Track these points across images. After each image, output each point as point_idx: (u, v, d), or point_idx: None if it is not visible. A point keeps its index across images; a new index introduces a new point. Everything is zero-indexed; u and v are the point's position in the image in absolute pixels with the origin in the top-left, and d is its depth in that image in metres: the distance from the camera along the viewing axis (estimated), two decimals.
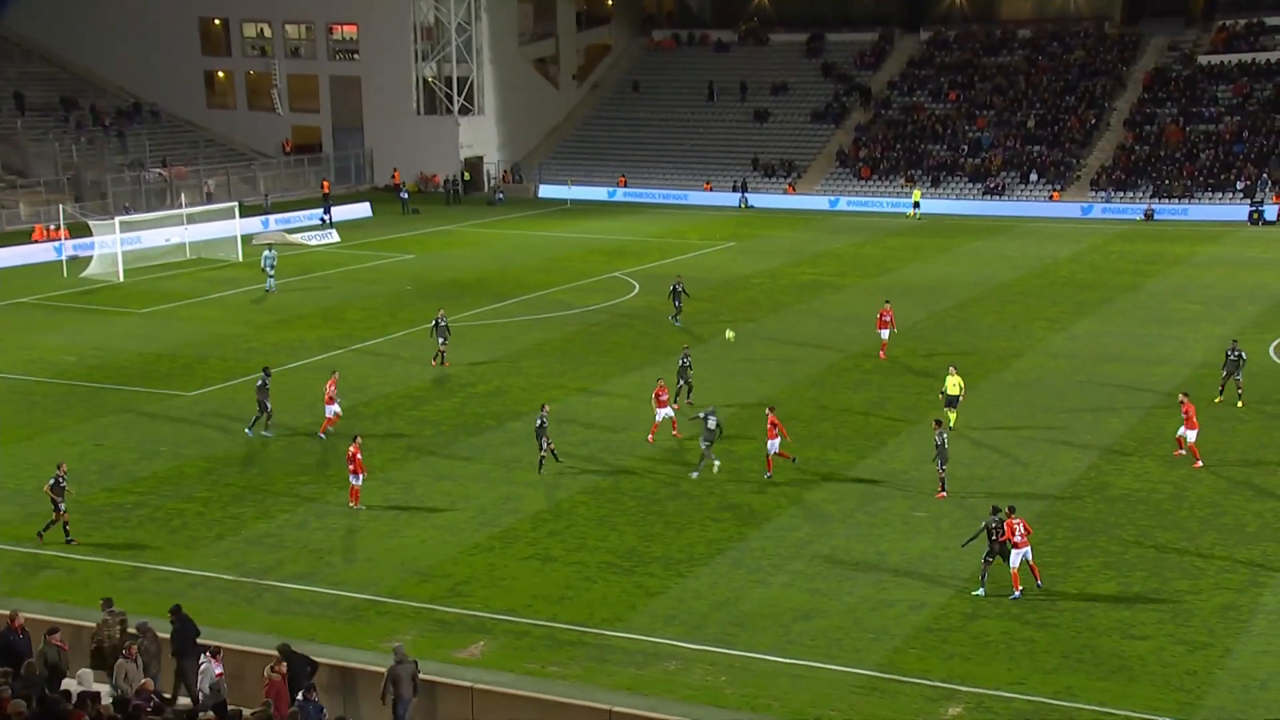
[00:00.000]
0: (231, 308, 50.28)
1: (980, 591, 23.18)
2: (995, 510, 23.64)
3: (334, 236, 67.83)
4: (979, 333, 43.77)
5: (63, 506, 26.08)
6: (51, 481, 26.17)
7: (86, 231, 61.46)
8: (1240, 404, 34.26)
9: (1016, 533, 23.18)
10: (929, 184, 78.82)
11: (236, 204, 65.73)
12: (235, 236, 61.92)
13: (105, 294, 53.49)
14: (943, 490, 27.94)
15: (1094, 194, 74.71)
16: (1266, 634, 21.60)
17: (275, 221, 71.96)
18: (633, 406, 35.39)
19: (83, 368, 40.59)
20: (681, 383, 34.93)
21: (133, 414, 35.51)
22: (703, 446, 29.65)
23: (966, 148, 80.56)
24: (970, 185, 78.08)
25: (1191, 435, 29.86)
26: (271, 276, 52.70)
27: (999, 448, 31.33)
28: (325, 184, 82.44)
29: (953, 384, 32.84)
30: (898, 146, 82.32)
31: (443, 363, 39.30)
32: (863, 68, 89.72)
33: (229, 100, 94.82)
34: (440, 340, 39.42)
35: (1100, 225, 69.52)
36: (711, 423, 29.41)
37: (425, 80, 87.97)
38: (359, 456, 27.56)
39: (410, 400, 36.46)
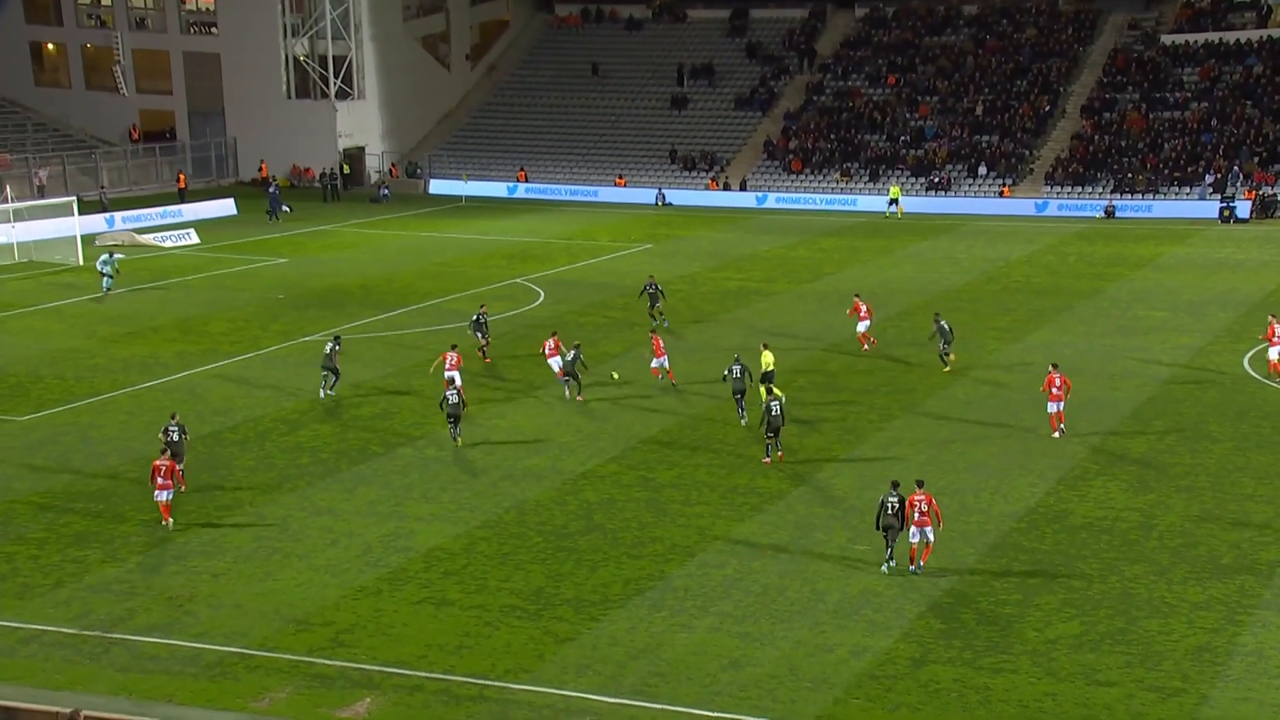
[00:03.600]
0: (72, 318, 49.28)
1: (885, 568, 25.94)
2: (895, 485, 26.23)
3: (192, 238, 66.90)
4: (923, 344, 44.40)
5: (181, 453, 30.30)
6: (175, 434, 30.49)
7: None
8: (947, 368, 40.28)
9: (916, 509, 25.65)
10: (867, 178, 79.99)
11: (75, 199, 64.60)
12: (74, 236, 60.80)
13: None
14: (774, 453, 32.28)
15: (1049, 189, 76.46)
16: (1245, 678, 22.15)
17: (122, 220, 70.75)
18: (540, 428, 35.38)
19: None
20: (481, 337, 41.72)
21: None
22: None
23: (908, 138, 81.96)
24: (912, 180, 79.39)
25: (1053, 407, 34.18)
26: (109, 277, 52.26)
27: (946, 472, 31.80)
28: (181, 177, 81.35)
29: (767, 360, 37.04)
30: (832, 136, 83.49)
31: (485, 358, 41.69)
32: (791, 48, 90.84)
33: (61, 77, 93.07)
34: (480, 336, 41.61)
35: (1056, 224, 71.07)
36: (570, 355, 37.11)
37: (296, 59, 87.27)
38: (178, 469, 29.05)
39: (284, 425, 36.06)
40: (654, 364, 38.96)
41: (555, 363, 38.93)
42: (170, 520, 28.75)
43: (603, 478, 31.75)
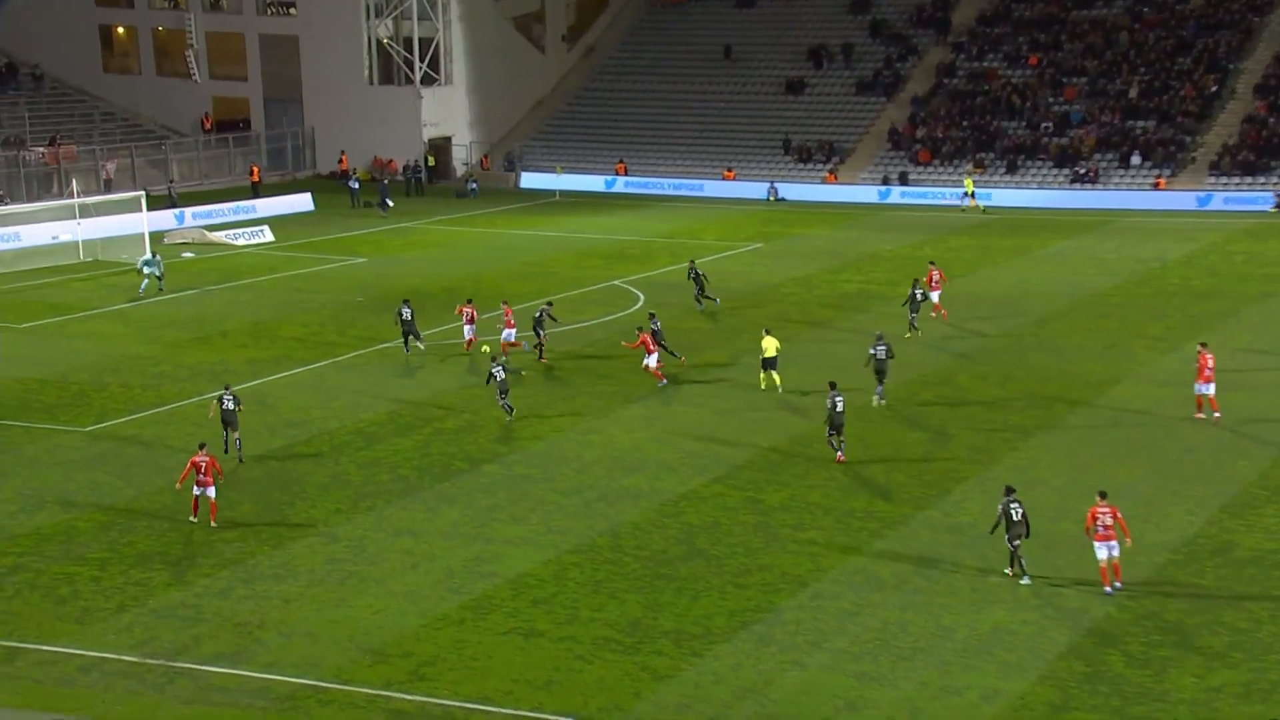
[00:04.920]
0: (137, 322, 50.45)
1: (1026, 580, 26.65)
2: (1009, 491, 27.17)
3: (266, 235, 68.08)
4: (1065, 354, 43.81)
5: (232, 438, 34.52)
6: (230, 403, 34.43)
7: None
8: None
9: (1100, 522, 26.30)
10: (1003, 170, 79.04)
11: (143, 193, 66.00)
12: (142, 233, 62.10)
13: None
14: (838, 450, 33.77)
15: (1213, 180, 74.98)
16: None
17: (192, 215, 72.20)
18: (637, 445, 35.49)
19: None
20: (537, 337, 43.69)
21: (10, 455, 35.59)
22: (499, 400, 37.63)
23: (1051, 125, 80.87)
24: (1055, 171, 78.34)
25: (1204, 389, 35.86)
26: (156, 277, 53.80)
27: (1089, 497, 31.25)
28: (255, 170, 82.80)
29: (770, 345, 39.34)
30: (964, 124, 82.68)
31: (540, 357, 43.35)
32: (921, 25, 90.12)
33: (131, 63, 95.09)
34: (539, 334, 43.34)
35: (1221, 219, 69.68)
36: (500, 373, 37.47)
37: (379, 42, 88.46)
38: (216, 465, 30.44)
39: (360, 438, 36.56)
40: (646, 361, 40.44)
41: (510, 334, 42.95)
42: (213, 518, 30.27)
43: (706, 499, 31.74)
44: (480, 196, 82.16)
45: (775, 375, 39.39)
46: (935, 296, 47.42)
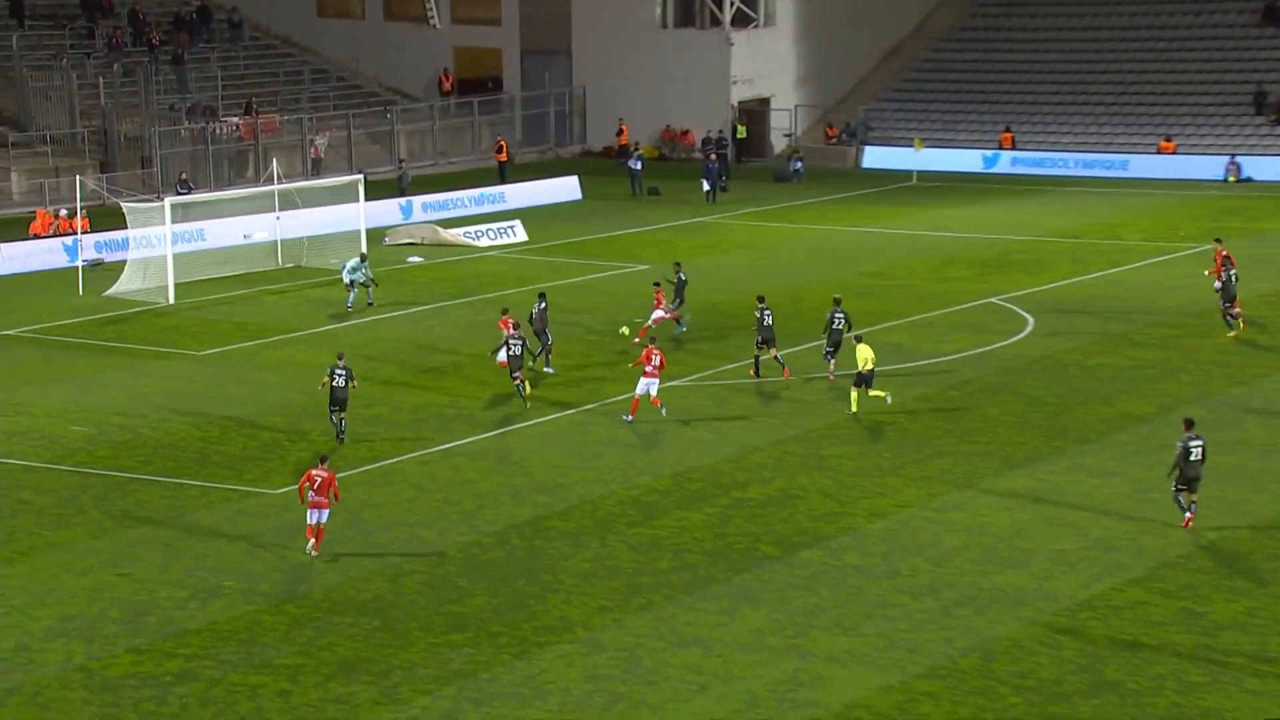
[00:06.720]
0: (346, 349, 50.99)
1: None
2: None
3: (517, 233, 69.23)
4: None
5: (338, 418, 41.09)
6: (341, 379, 40.73)
7: (117, 221, 64.57)
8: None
9: None
10: None
11: (362, 177, 67.72)
12: (359, 230, 63.70)
13: (143, 324, 56.18)
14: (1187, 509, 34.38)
15: None
16: None
17: (422, 207, 74.05)
18: (1019, 528, 34.89)
19: (103, 446, 42.49)
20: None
21: (182, 523, 36.88)
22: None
23: None
24: None
25: None
26: (364, 286, 56.22)
27: None
28: (502, 144, 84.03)
29: (863, 356, 42.13)
30: None
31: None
32: None
33: (353, 5, 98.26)
34: (759, 340, 45.81)
35: None
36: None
37: None
38: (335, 485, 33.75)
39: (635, 509, 36.85)
40: (640, 387, 42.53)
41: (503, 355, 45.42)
42: (315, 547, 33.79)
43: (1119, 609, 30.94)
44: (806, 180, 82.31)
45: (880, 392, 42.21)
46: (1219, 285, 50.58)
